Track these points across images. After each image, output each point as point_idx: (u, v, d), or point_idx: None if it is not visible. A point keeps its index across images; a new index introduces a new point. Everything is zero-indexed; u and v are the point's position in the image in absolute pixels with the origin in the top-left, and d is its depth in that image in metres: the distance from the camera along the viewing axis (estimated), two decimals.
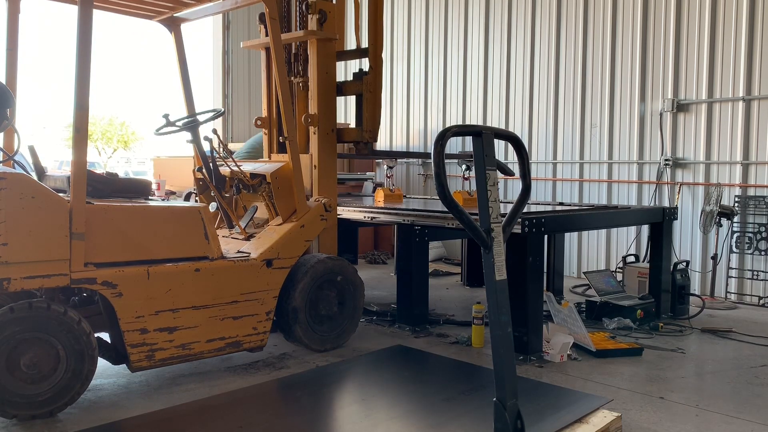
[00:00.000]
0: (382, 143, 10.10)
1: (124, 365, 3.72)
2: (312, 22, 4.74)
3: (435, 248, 8.98)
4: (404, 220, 5.17)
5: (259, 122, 5.30)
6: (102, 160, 31.40)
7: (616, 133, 7.46)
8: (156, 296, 3.61)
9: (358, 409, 3.40)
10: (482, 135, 2.52)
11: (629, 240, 7.35)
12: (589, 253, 7.78)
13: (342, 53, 5.27)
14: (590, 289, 6.10)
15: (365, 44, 5.00)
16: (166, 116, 4.99)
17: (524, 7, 8.26)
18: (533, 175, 7.96)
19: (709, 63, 6.69)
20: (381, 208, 5.57)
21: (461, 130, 2.54)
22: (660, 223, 5.69)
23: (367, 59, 4.94)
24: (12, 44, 4.20)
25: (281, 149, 5.21)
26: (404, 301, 5.21)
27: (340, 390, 3.76)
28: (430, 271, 6.99)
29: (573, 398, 3.47)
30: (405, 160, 9.76)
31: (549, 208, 5.86)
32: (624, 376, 4.08)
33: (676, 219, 5.96)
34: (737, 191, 6.56)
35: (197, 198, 5.11)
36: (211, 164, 4.56)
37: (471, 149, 2.61)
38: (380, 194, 6.71)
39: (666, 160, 6.97)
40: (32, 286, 3.26)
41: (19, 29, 4.22)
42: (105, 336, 3.81)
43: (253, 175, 4.54)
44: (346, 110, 10.46)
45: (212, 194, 4.70)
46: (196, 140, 4.66)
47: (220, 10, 4.88)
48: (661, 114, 7.04)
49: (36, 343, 3.22)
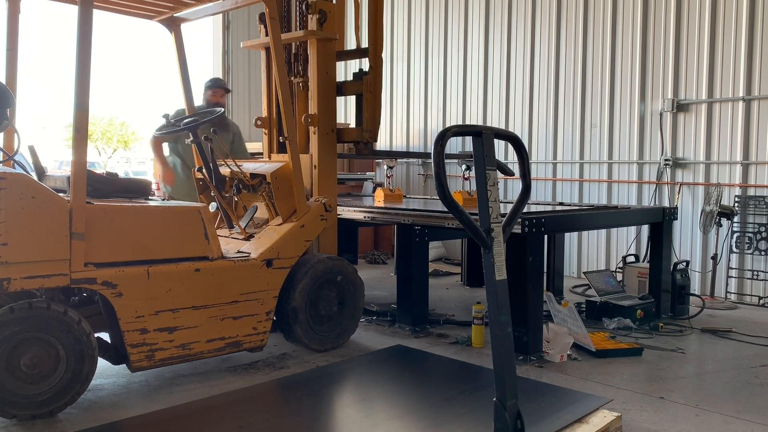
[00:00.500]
0: (382, 143, 10.10)
1: (124, 365, 3.72)
2: (312, 22, 4.74)
3: (435, 248, 8.97)
4: (404, 220, 5.17)
5: (259, 122, 5.30)
6: (102, 160, 31.42)
7: (616, 133, 7.46)
8: (156, 296, 3.61)
9: (358, 409, 3.40)
10: (482, 135, 2.52)
11: (629, 240, 7.35)
12: (589, 253, 7.78)
13: (342, 53, 5.27)
14: (590, 289, 6.10)
15: (365, 44, 5.00)
16: (166, 116, 5.00)
17: (524, 7, 8.26)
18: (533, 175, 7.96)
19: (709, 63, 6.69)
20: (381, 208, 5.57)
21: (461, 130, 2.54)
22: (660, 223, 5.69)
23: (367, 59, 4.94)
24: (12, 44, 4.20)
25: (281, 149, 5.22)
26: (404, 301, 5.21)
27: (340, 390, 3.76)
28: (430, 271, 6.98)
29: (573, 398, 3.47)
30: (405, 160, 9.76)
31: (549, 208, 5.86)
32: (624, 376, 4.08)
33: (676, 219, 5.96)
34: (737, 191, 6.56)
35: (197, 198, 5.12)
36: (211, 164, 4.56)
37: (471, 149, 2.61)
38: (380, 194, 6.71)
39: (666, 160, 6.97)
40: (32, 286, 3.26)
41: (19, 29, 4.22)
42: (105, 336, 3.81)
43: (253, 175, 4.54)
44: (346, 110, 10.46)
45: (212, 194, 4.70)
46: (196, 140, 4.66)
47: (220, 10, 4.88)
48: (661, 114, 7.04)
49: (36, 343, 3.21)
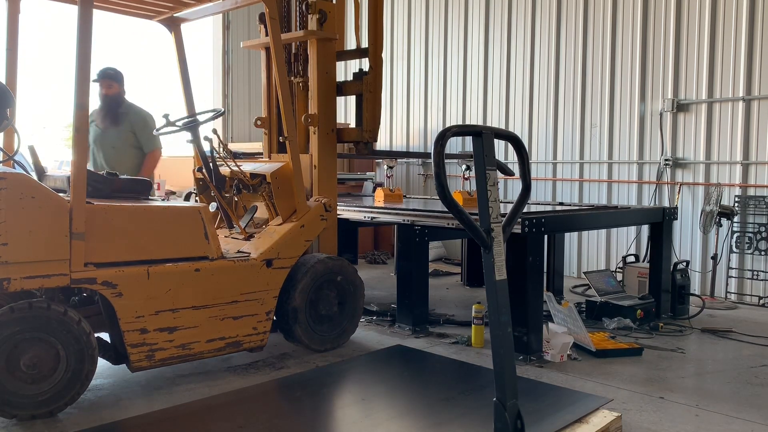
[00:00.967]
0: (382, 143, 10.09)
1: (124, 365, 3.72)
2: (312, 22, 4.74)
3: (435, 248, 8.97)
4: (404, 220, 5.17)
5: (259, 122, 5.30)
6: None
7: (616, 133, 7.46)
8: (156, 296, 3.61)
9: (358, 409, 3.40)
10: (482, 135, 2.52)
11: (629, 240, 7.35)
12: (589, 253, 7.78)
13: (342, 53, 5.27)
14: (590, 289, 6.10)
15: (365, 44, 5.00)
16: (166, 116, 5.00)
17: (524, 7, 8.26)
18: (533, 175, 7.96)
19: (709, 63, 6.69)
20: (381, 208, 5.57)
21: (461, 130, 2.54)
22: (660, 223, 5.69)
23: (367, 59, 4.94)
24: (12, 44, 4.20)
25: (281, 149, 5.22)
26: (404, 301, 5.21)
27: (340, 390, 3.76)
28: (430, 271, 6.98)
29: (573, 398, 3.47)
30: (405, 160, 9.76)
31: (549, 208, 5.86)
32: (624, 376, 4.08)
33: (676, 219, 5.96)
34: (737, 191, 6.56)
35: (197, 198, 5.11)
36: (211, 164, 4.56)
37: (471, 149, 2.61)
38: (380, 194, 6.71)
39: (666, 160, 6.97)
40: (32, 286, 3.25)
41: (19, 29, 4.22)
42: (105, 336, 3.81)
43: (253, 175, 4.54)
44: (346, 110, 10.46)
45: (212, 194, 4.70)
46: (196, 140, 4.66)
47: (220, 10, 4.88)
48: (661, 114, 7.04)
49: (36, 343, 3.21)
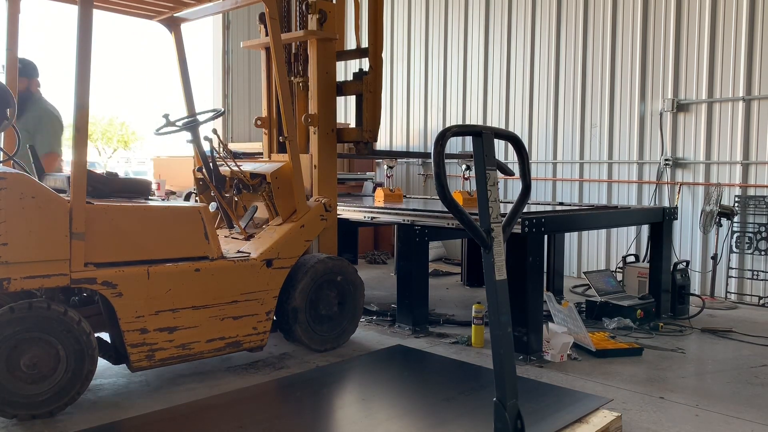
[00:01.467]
0: (382, 143, 10.10)
1: (124, 365, 3.72)
2: (312, 22, 4.74)
3: (435, 248, 8.97)
4: (404, 220, 5.17)
5: (259, 122, 5.30)
6: (102, 160, 31.39)
7: (616, 133, 7.46)
8: (156, 296, 3.61)
9: (358, 409, 3.40)
10: (482, 135, 2.52)
11: (629, 240, 7.35)
12: (589, 253, 7.78)
13: (342, 53, 5.27)
14: (590, 289, 6.10)
15: (365, 44, 5.00)
16: (166, 116, 5.00)
17: (524, 7, 8.26)
18: (533, 175, 7.96)
19: (709, 63, 6.69)
20: (381, 208, 5.57)
21: (461, 130, 2.54)
22: (660, 223, 5.69)
23: (367, 59, 4.94)
24: (12, 44, 4.21)
25: (281, 149, 5.22)
26: (404, 301, 5.21)
27: (340, 390, 3.76)
28: (430, 271, 6.99)
29: (573, 398, 3.47)
30: (405, 160, 9.76)
31: (549, 208, 5.86)
32: (624, 376, 4.08)
33: (676, 219, 5.96)
34: (737, 191, 6.56)
35: (197, 198, 5.12)
36: (211, 164, 4.56)
37: (471, 149, 2.61)
38: (380, 194, 6.71)
39: (666, 160, 6.97)
40: (32, 286, 3.25)
41: (19, 29, 4.22)
42: (105, 336, 3.81)
43: (253, 175, 4.54)
44: (346, 110, 10.46)
45: (212, 194, 4.70)
46: (196, 140, 4.66)
47: (220, 10, 4.88)
48: (661, 114, 7.04)
49: (36, 343, 3.21)
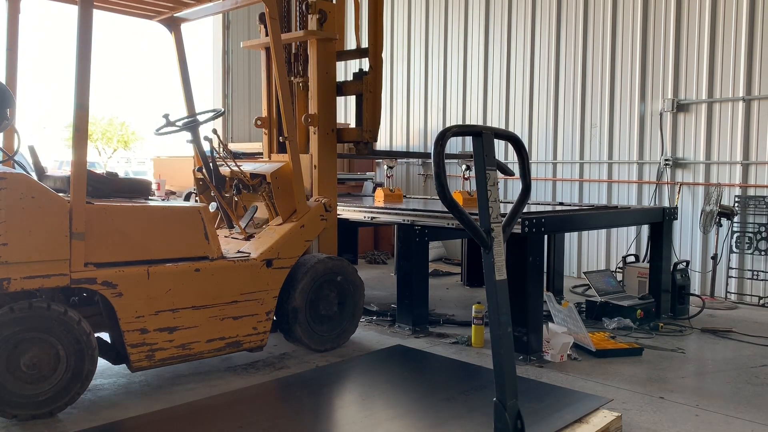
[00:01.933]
0: (382, 143, 10.10)
1: (124, 365, 3.72)
2: (312, 22, 4.74)
3: (435, 248, 8.97)
4: (404, 220, 5.17)
5: (259, 122, 5.30)
6: (102, 160, 31.37)
7: (616, 133, 7.46)
8: (156, 296, 3.61)
9: (358, 409, 3.40)
10: (482, 135, 2.52)
11: (629, 240, 7.35)
12: (589, 253, 7.78)
13: (342, 53, 5.27)
14: (590, 289, 6.10)
15: (365, 44, 5.00)
16: (166, 116, 5.00)
17: (524, 7, 8.26)
18: (533, 175, 7.96)
19: (709, 63, 6.69)
20: (381, 208, 5.57)
21: (461, 130, 2.54)
22: (660, 223, 5.69)
23: (367, 59, 4.94)
24: (12, 44, 4.21)
25: (281, 149, 5.22)
26: (404, 301, 5.21)
27: (340, 390, 3.76)
28: (430, 271, 6.99)
29: (573, 398, 3.47)
30: (405, 160, 9.76)
31: (549, 208, 5.86)
32: (624, 376, 4.08)
33: (676, 219, 5.96)
34: (737, 191, 6.56)
35: (197, 198, 5.12)
36: (211, 164, 4.56)
37: (471, 149, 2.61)
38: (380, 194, 6.71)
39: (666, 160, 6.97)
40: (32, 286, 3.26)
41: (19, 29, 4.22)
42: (105, 336, 3.81)
43: (253, 175, 4.54)
44: (346, 110, 10.46)
45: (212, 194, 4.70)
46: (196, 140, 4.66)
47: (220, 10, 4.88)
48: (661, 114, 7.04)
49: (36, 343, 3.22)
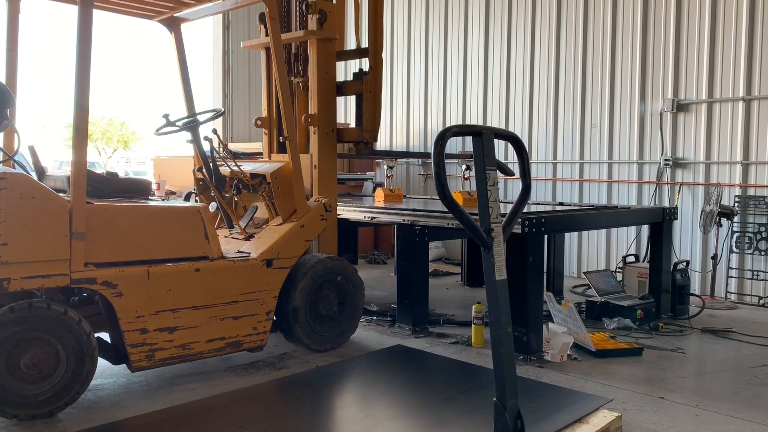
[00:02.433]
0: (382, 143, 10.10)
1: (124, 365, 3.72)
2: (312, 22, 4.74)
3: (435, 248, 8.98)
4: (404, 220, 5.17)
5: (259, 122, 5.30)
6: (102, 160, 31.37)
7: (616, 133, 7.46)
8: (156, 296, 3.61)
9: (358, 409, 3.40)
10: (482, 135, 2.52)
11: (629, 240, 7.35)
12: (589, 253, 7.78)
13: (342, 53, 5.27)
14: (590, 289, 6.10)
15: (365, 44, 5.00)
16: (166, 116, 5.00)
17: (524, 8, 8.26)
18: (533, 175, 7.96)
19: (709, 63, 6.69)
20: (381, 208, 5.57)
21: (461, 130, 2.54)
22: (660, 223, 5.69)
23: (367, 59, 4.94)
24: (12, 44, 4.21)
25: (281, 149, 5.22)
26: (404, 301, 5.21)
27: (341, 390, 3.76)
28: (430, 271, 6.98)
29: (573, 398, 3.47)
30: (405, 160, 9.76)
31: (549, 208, 5.86)
32: (624, 376, 4.08)
33: (676, 219, 5.96)
34: (737, 191, 6.56)
35: (197, 198, 5.12)
36: (211, 164, 4.56)
37: (471, 149, 2.61)
38: (380, 194, 6.71)
39: (666, 160, 6.97)
40: (32, 286, 3.26)
41: (19, 29, 4.22)
42: (105, 336, 3.81)
43: (253, 175, 4.54)
44: (346, 110, 10.46)
45: (212, 194, 4.70)
46: (196, 140, 4.66)
47: (220, 10, 4.88)
48: (661, 114, 7.04)
49: (36, 343, 3.22)
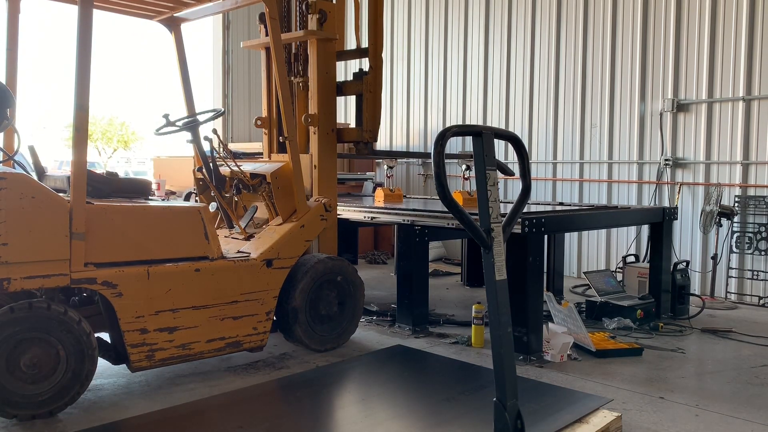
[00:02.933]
0: (382, 143, 10.10)
1: (124, 365, 3.72)
2: (312, 22, 4.74)
3: (435, 248, 8.97)
4: (404, 220, 5.17)
5: (259, 122, 5.30)
6: (102, 160, 31.37)
7: (616, 133, 7.46)
8: (156, 296, 3.61)
9: (358, 409, 3.40)
10: (482, 135, 2.52)
11: (629, 240, 7.35)
12: (589, 253, 7.78)
13: (342, 53, 5.27)
14: (590, 289, 6.10)
15: (365, 44, 5.00)
16: (166, 116, 5.00)
17: (524, 8, 8.26)
18: (533, 175, 7.96)
19: (709, 63, 6.69)
20: (381, 208, 5.57)
21: (461, 130, 2.54)
22: (660, 223, 5.69)
23: (367, 59, 4.94)
24: (12, 44, 4.21)
25: (281, 149, 5.22)
26: (404, 301, 5.21)
27: (341, 390, 3.76)
28: (430, 271, 6.98)
29: (573, 398, 3.47)
30: (405, 160, 9.76)
31: (549, 208, 5.86)
32: (624, 376, 4.08)
33: (676, 219, 5.96)
34: (737, 191, 6.56)
35: (197, 198, 5.12)
36: (211, 164, 4.56)
37: (471, 149, 2.61)
38: (380, 194, 6.71)
39: (666, 160, 6.97)
40: (32, 286, 3.25)
41: (19, 29, 4.22)
42: (105, 336, 3.81)
43: (253, 175, 4.54)
44: (346, 110, 10.46)
45: (212, 194, 4.70)
46: (196, 140, 4.66)
47: (220, 10, 4.88)
48: (661, 114, 7.04)
49: (36, 343, 3.21)
